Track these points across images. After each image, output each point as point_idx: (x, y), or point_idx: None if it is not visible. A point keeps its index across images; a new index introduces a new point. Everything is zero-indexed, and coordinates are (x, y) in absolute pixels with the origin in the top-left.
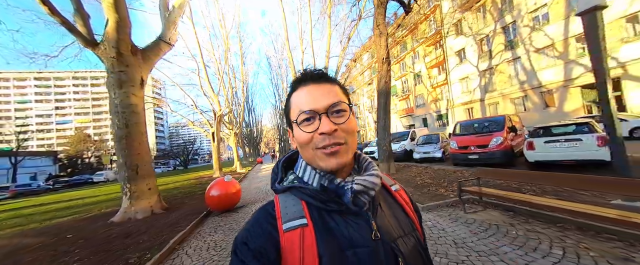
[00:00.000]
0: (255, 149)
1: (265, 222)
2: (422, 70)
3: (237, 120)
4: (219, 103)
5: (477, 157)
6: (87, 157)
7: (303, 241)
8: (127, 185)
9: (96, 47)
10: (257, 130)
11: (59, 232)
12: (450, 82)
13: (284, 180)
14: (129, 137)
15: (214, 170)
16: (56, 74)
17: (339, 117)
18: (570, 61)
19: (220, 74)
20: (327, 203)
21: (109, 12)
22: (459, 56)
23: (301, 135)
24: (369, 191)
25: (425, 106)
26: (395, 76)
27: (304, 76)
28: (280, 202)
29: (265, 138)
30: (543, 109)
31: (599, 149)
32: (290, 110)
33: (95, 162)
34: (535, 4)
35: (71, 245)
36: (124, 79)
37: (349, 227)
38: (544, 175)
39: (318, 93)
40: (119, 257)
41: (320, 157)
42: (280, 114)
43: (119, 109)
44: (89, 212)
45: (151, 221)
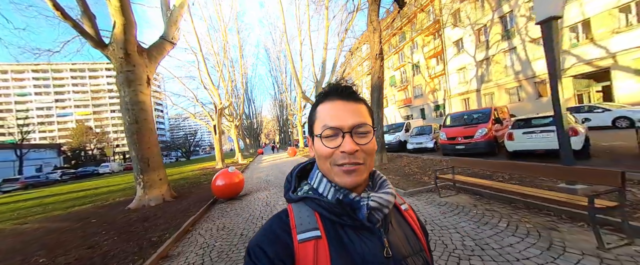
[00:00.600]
0: (256, 140)
1: (280, 230)
2: (421, 60)
3: (237, 113)
4: (219, 96)
5: (464, 147)
6: (90, 149)
7: (317, 254)
8: (140, 176)
9: (105, 48)
10: (257, 121)
11: (83, 217)
12: (448, 72)
13: (299, 190)
14: (140, 132)
15: (217, 161)
16: (54, 66)
17: (361, 138)
18: (563, 51)
19: (219, 67)
20: (342, 217)
21: (116, 15)
22: (456, 46)
23: (322, 149)
24: (384, 209)
25: (423, 97)
26: (394, 66)
27: (333, 90)
28: (294, 211)
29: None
30: (536, 99)
31: (570, 140)
32: (314, 122)
33: (98, 154)
34: None
35: (97, 228)
36: (131, 78)
37: (361, 243)
38: (503, 164)
39: (345, 111)
40: (142, 237)
41: (336, 173)
42: (280, 105)
43: (129, 106)
44: (105, 201)
45: (164, 208)
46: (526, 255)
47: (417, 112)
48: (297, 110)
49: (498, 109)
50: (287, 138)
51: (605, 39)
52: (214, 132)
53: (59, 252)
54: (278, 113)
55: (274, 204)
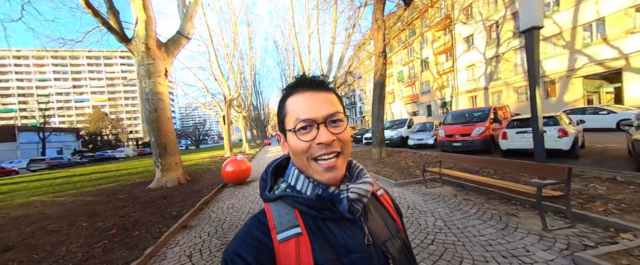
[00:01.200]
0: (263, 131)
1: (258, 232)
2: (430, 56)
3: (245, 104)
4: (228, 88)
5: (461, 144)
6: (106, 135)
7: (299, 251)
8: (158, 160)
9: (128, 43)
10: (264, 113)
11: (111, 193)
12: (457, 69)
13: (275, 189)
14: (158, 120)
15: (225, 150)
16: (71, 53)
17: (336, 127)
18: (575, 51)
19: (229, 60)
20: (322, 211)
21: (139, 12)
22: (467, 43)
23: (297, 143)
24: (363, 199)
25: (431, 93)
26: (402, 61)
27: (301, 82)
28: (272, 211)
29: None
30: (545, 98)
31: (559, 140)
32: (285, 117)
33: (113, 139)
34: None
35: (125, 203)
36: (152, 70)
37: (343, 235)
38: (483, 160)
39: (316, 101)
40: (164, 210)
41: (315, 170)
42: None
43: (149, 96)
44: (127, 181)
45: (179, 189)
46: (482, 233)
47: (424, 108)
48: None
49: (498, 108)
50: None
51: (619, 39)
52: (223, 122)
53: (97, 219)
54: None
55: None
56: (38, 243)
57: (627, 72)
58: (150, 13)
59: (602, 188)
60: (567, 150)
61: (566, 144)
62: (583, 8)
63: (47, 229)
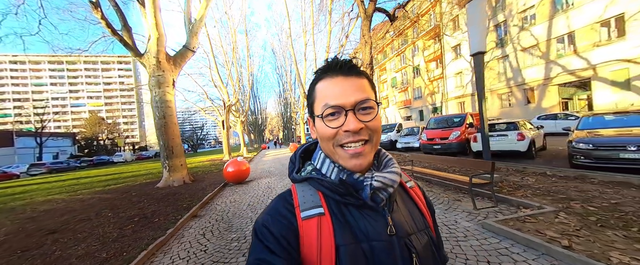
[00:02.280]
0: (260, 135)
1: (284, 209)
2: (421, 63)
3: (243, 109)
4: (227, 94)
5: (440, 147)
6: (102, 139)
7: (320, 230)
8: (166, 161)
9: (141, 57)
10: (261, 117)
11: (124, 191)
12: (446, 76)
13: (302, 171)
14: (166, 126)
15: (224, 154)
16: (68, 58)
17: (365, 115)
18: (551, 61)
19: (228, 67)
20: (345, 196)
21: (153, 30)
22: (455, 51)
23: (325, 129)
24: (388, 188)
25: (423, 98)
26: (396, 68)
27: (331, 65)
28: (297, 191)
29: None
30: (524, 104)
31: (518, 143)
32: (314, 101)
33: (109, 144)
34: (525, 5)
35: (139, 198)
36: (161, 81)
37: (365, 221)
38: (440, 159)
39: (346, 87)
40: (176, 204)
41: (341, 156)
42: (284, 102)
43: (159, 104)
44: (134, 182)
45: (185, 188)
46: None
47: (416, 113)
48: (299, 108)
49: (473, 114)
50: (291, 135)
51: (587, 51)
52: (222, 126)
53: (118, 210)
54: (282, 110)
55: (274, 187)
56: (75, 228)
57: (595, 81)
58: (162, 31)
59: (531, 180)
60: (524, 151)
61: (523, 146)
62: (556, 22)
63: (78, 218)
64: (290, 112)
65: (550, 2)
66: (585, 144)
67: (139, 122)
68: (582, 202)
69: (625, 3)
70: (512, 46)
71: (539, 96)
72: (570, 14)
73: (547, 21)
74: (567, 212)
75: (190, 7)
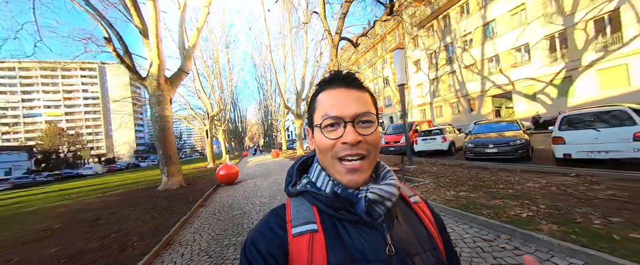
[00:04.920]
0: (240, 143)
1: (274, 225)
2: (389, 75)
3: (225, 118)
4: (210, 105)
5: (394, 149)
6: (62, 152)
7: (312, 248)
8: (165, 167)
9: (144, 80)
10: (241, 125)
11: (129, 195)
12: (410, 86)
13: (298, 184)
14: (165, 137)
15: (208, 161)
16: (19, 64)
17: (365, 128)
18: (485, 77)
19: (210, 80)
20: (339, 211)
21: (154, 58)
22: (416, 65)
23: (323, 140)
24: (385, 202)
25: (392, 106)
26: (369, 79)
27: (334, 77)
28: (291, 206)
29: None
30: (469, 112)
31: (442, 144)
32: (314, 112)
33: (72, 157)
34: (465, 30)
35: (148, 198)
36: (161, 100)
37: (361, 239)
38: (392, 158)
39: (347, 99)
40: (182, 199)
41: (338, 171)
42: (265, 110)
43: (158, 119)
44: (131, 188)
45: (183, 190)
46: None
47: (387, 119)
48: (280, 116)
49: (420, 122)
50: (272, 142)
51: (508, 70)
52: (206, 136)
53: (137, 206)
54: (263, 117)
55: (260, 185)
56: (112, 217)
57: (515, 94)
58: (162, 57)
59: (434, 168)
60: (446, 150)
61: (446, 146)
62: (486, 46)
63: (107, 212)
64: (270, 120)
65: (482, 30)
66: (470, 144)
67: (106, 132)
68: (445, 178)
69: (529, 35)
70: (457, 64)
71: (479, 105)
72: (496, 41)
73: (481, 45)
74: (434, 183)
75: (184, 36)
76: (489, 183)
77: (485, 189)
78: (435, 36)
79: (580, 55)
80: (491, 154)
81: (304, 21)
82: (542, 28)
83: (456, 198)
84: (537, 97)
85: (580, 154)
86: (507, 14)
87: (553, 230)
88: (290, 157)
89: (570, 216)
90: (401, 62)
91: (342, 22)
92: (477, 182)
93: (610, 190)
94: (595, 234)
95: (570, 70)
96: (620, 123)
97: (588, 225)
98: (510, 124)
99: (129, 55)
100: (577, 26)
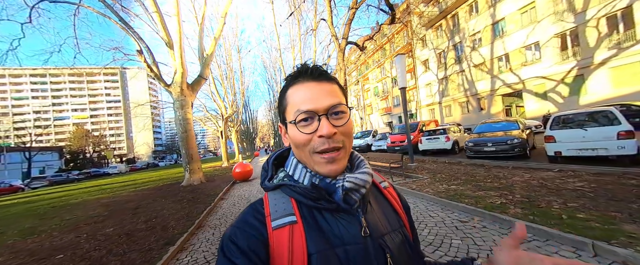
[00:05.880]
0: (252, 143)
1: (253, 219)
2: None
3: (237, 120)
4: (224, 107)
5: (399, 148)
6: (88, 152)
7: (292, 239)
8: (187, 165)
9: (169, 86)
10: (252, 126)
11: (157, 190)
12: (418, 86)
13: (274, 178)
14: (187, 138)
15: (223, 160)
16: (51, 70)
17: (338, 119)
18: (494, 76)
19: (224, 84)
20: (318, 201)
21: (178, 67)
22: (424, 65)
23: (298, 136)
24: (360, 189)
25: (400, 106)
26: (377, 79)
27: (302, 71)
28: (269, 199)
29: (261, 133)
30: (478, 111)
31: (446, 143)
32: (286, 108)
33: (96, 157)
34: (474, 30)
35: (174, 192)
36: (183, 104)
37: (339, 225)
38: (379, 155)
39: (318, 92)
40: (204, 194)
41: (317, 162)
42: (275, 111)
43: (181, 122)
44: (158, 184)
45: (203, 186)
46: None
47: (396, 119)
48: None
49: (426, 123)
50: (281, 142)
51: (518, 69)
52: (221, 136)
53: (166, 199)
54: (273, 118)
55: None
56: (148, 207)
57: (525, 93)
58: (185, 66)
59: (434, 165)
60: (449, 149)
61: (449, 145)
62: (496, 45)
63: (144, 203)
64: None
65: (491, 29)
66: (470, 142)
67: (126, 133)
68: (441, 174)
69: (540, 33)
70: (466, 63)
71: (488, 104)
72: (505, 40)
73: (490, 44)
74: (431, 178)
75: (202, 44)
76: (479, 178)
77: (474, 182)
78: (443, 36)
79: (593, 53)
80: (490, 152)
81: (313, 28)
82: (552, 26)
83: (447, 190)
84: (548, 95)
85: (569, 152)
86: (517, 12)
87: (517, 213)
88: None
89: (537, 203)
90: (402, 67)
91: (348, 28)
92: (469, 177)
93: (581, 182)
94: (549, 215)
95: (582, 68)
96: (606, 123)
97: (547, 210)
98: (510, 124)
99: (156, 65)
100: (589, 24)
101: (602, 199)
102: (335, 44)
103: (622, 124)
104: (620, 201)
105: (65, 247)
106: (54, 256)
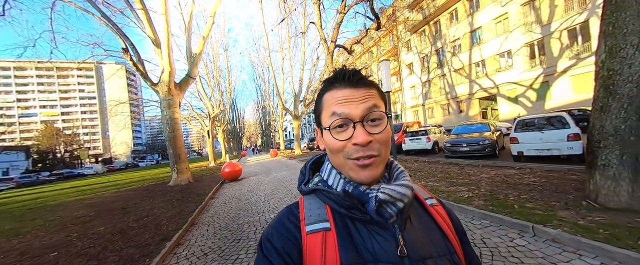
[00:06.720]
0: (238, 143)
1: (288, 222)
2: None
3: (224, 119)
4: (211, 106)
5: None
6: (59, 152)
7: (325, 246)
8: (175, 165)
9: (156, 85)
10: (239, 126)
11: (143, 190)
12: (403, 88)
13: (310, 182)
14: (175, 138)
15: (210, 160)
16: (16, 63)
17: (374, 127)
18: (472, 81)
19: (210, 83)
20: (351, 210)
21: (166, 66)
22: (409, 68)
23: (333, 142)
24: (397, 202)
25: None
26: None
27: (339, 76)
28: (304, 203)
29: (248, 132)
30: (458, 113)
31: (427, 143)
32: (321, 113)
33: (68, 157)
34: (454, 36)
35: (162, 192)
36: (171, 104)
37: (372, 239)
38: None
39: (354, 98)
40: (193, 193)
41: (351, 168)
42: (263, 111)
43: (169, 122)
44: (143, 184)
45: (191, 186)
46: None
47: None
48: (278, 116)
49: (409, 124)
50: (270, 141)
51: (493, 74)
52: (208, 136)
53: (154, 199)
54: (260, 117)
55: (262, 181)
56: (136, 206)
57: (499, 97)
58: (173, 65)
59: (415, 165)
60: (430, 149)
61: (429, 145)
62: (474, 52)
63: (131, 203)
64: (268, 120)
65: (469, 36)
66: (448, 143)
67: (102, 132)
68: (421, 172)
69: (512, 42)
70: (447, 67)
71: (467, 107)
72: (482, 47)
73: (469, 50)
74: (411, 176)
75: (190, 44)
76: (453, 175)
77: (448, 179)
78: (427, 41)
79: (556, 62)
80: (464, 152)
81: (302, 31)
82: (522, 36)
83: (424, 187)
84: (519, 100)
85: (530, 152)
86: (492, 21)
87: (480, 204)
88: (288, 157)
89: (497, 195)
90: (387, 72)
91: (336, 31)
92: (445, 175)
93: (534, 178)
94: (505, 205)
95: (548, 75)
96: (559, 126)
97: (504, 201)
98: (482, 126)
99: (142, 63)
100: (553, 35)
101: (547, 191)
102: (324, 47)
103: (571, 128)
104: (561, 193)
105: (56, 245)
106: (47, 254)
